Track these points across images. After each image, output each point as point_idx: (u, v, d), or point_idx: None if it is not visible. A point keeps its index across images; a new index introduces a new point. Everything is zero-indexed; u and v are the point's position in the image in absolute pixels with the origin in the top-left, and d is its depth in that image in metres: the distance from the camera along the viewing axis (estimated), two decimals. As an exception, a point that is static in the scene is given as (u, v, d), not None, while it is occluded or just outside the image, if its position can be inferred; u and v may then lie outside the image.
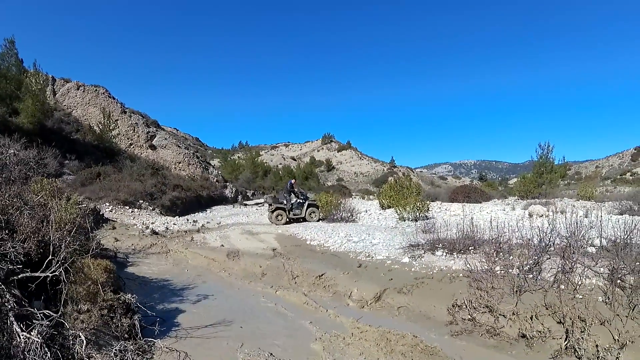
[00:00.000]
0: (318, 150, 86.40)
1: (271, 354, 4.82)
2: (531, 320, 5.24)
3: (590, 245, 7.00)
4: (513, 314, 5.42)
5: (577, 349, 4.63)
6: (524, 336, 5.16)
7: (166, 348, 4.73)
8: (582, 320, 4.80)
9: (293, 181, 17.07)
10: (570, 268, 5.93)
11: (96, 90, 30.25)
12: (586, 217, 10.82)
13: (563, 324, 4.97)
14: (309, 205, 16.05)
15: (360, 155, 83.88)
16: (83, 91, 29.88)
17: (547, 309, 5.26)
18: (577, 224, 6.87)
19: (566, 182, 38.29)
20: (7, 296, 3.77)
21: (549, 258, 6.49)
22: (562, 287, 5.65)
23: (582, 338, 4.64)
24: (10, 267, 4.03)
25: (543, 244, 6.68)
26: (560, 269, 5.99)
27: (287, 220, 15.51)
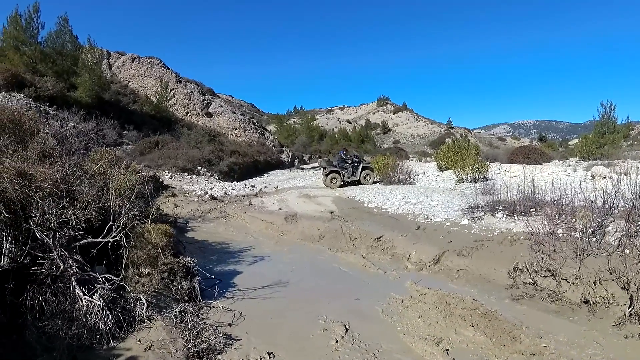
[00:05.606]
0: (374, 113, 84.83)
1: (327, 316, 4.76)
2: (594, 285, 4.87)
3: (657, 209, 6.40)
4: (576, 278, 5.07)
5: (642, 317, 4.25)
6: (586, 302, 4.82)
7: (222, 308, 4.80)
8: (648, 287, 4.38)
9: (344, 151, 16.91)
10: (635, 232, 5.43)
11: (151, 61, 31.04)
12: (651, 179, 9.95)
13: (627, 290, 4.54)
14: (363, 168, 15.88)
15: (416, 116, 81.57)
16: (138, 63, 30.80)
17: (611, 274, 4.84)
18: (642, 186, 6.32)
19: (629, 142, 35.67)
20: (70, 262, 3.89)
21: (613, 221, 6.04)
22: (627, 251, 5.18)
23: (648, 305, 4.24)
24: (72, 233, 4.15)
25: (607, 206, 6.20)
26: (624, 232, 5.51)
27: (342, 183, 15.44)
